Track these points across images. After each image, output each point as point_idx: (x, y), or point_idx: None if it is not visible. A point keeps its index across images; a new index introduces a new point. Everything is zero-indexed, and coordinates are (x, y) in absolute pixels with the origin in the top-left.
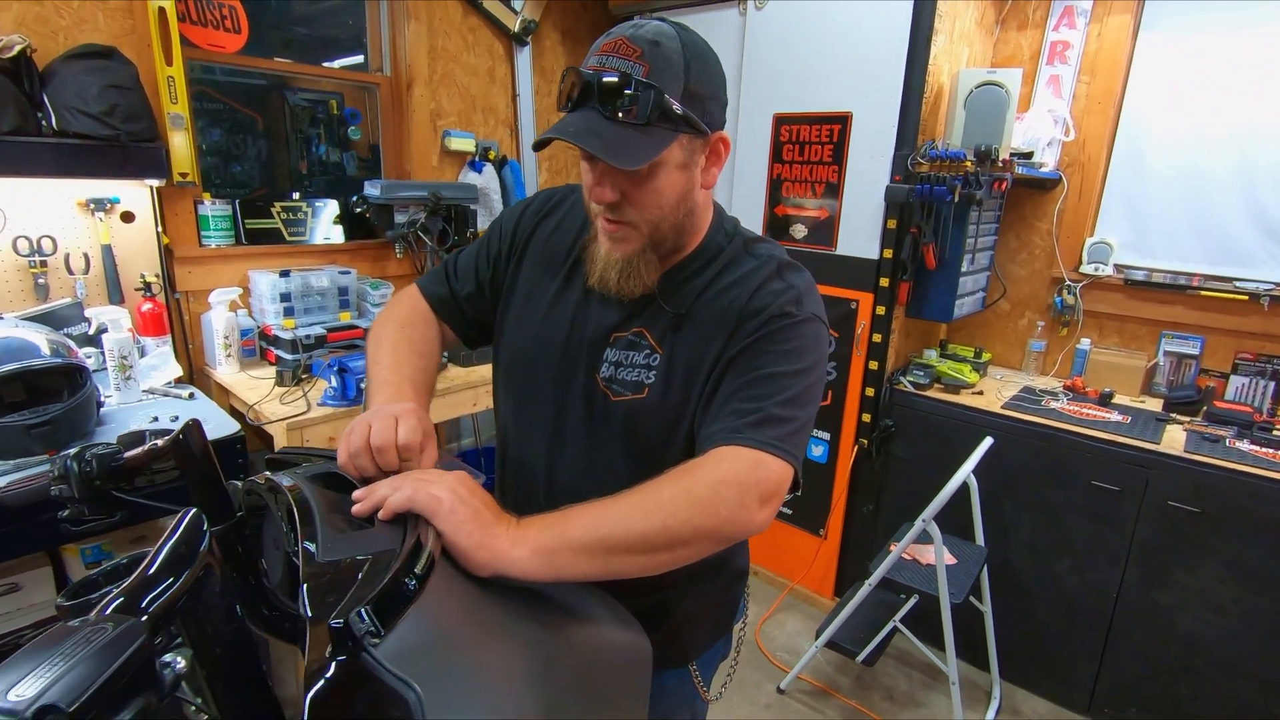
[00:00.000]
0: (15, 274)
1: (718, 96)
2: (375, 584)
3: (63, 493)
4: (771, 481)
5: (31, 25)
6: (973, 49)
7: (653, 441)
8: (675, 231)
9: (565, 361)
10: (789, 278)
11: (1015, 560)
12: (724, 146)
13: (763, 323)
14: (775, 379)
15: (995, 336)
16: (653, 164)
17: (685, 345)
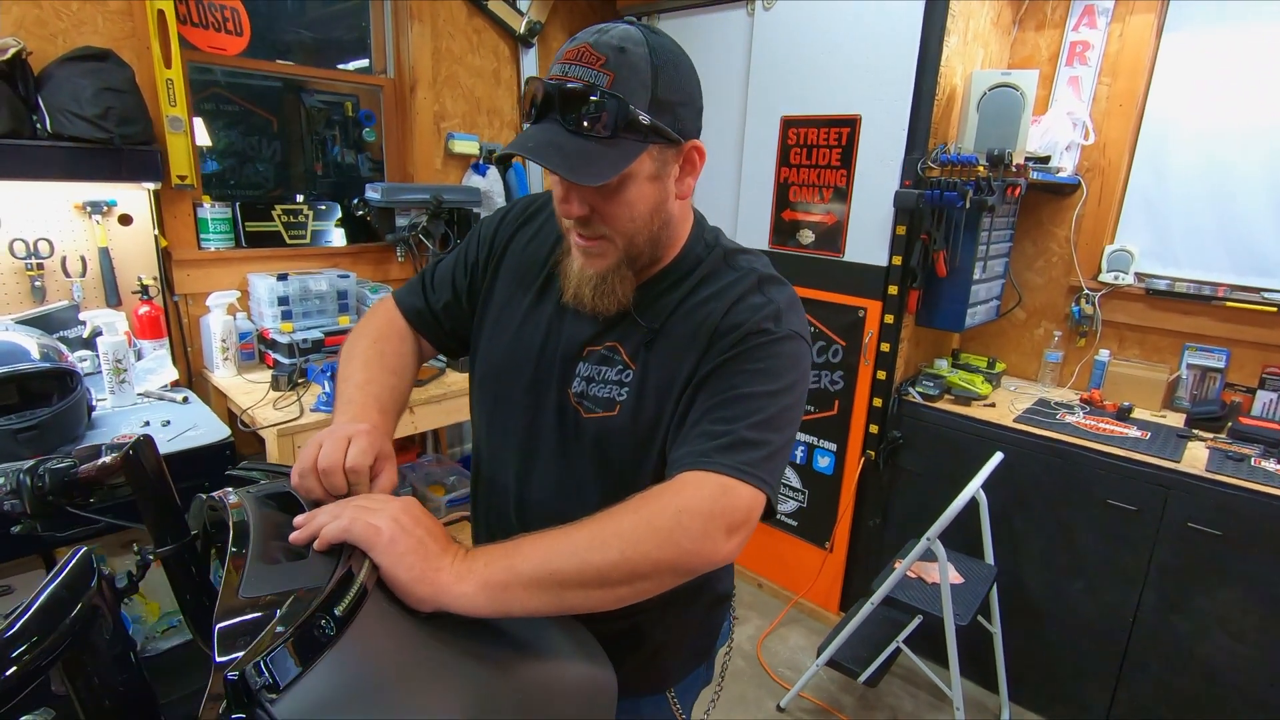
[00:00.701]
0: (12, 277)
1: (690, 103)
2: (287, 628)
3: (14, 507)
4: (740, 510)
5: (31, 28)
6: (988, 50)
7: (624, 461)
8: (651, 244)
9: (538, 376)
10: (769, 292)
11: (1026, 580)
12: (698, 155)
13: (738, 340)
14: (749, 400)
15: (1010, 346)
16: (622, 176)
17: (658, 362)
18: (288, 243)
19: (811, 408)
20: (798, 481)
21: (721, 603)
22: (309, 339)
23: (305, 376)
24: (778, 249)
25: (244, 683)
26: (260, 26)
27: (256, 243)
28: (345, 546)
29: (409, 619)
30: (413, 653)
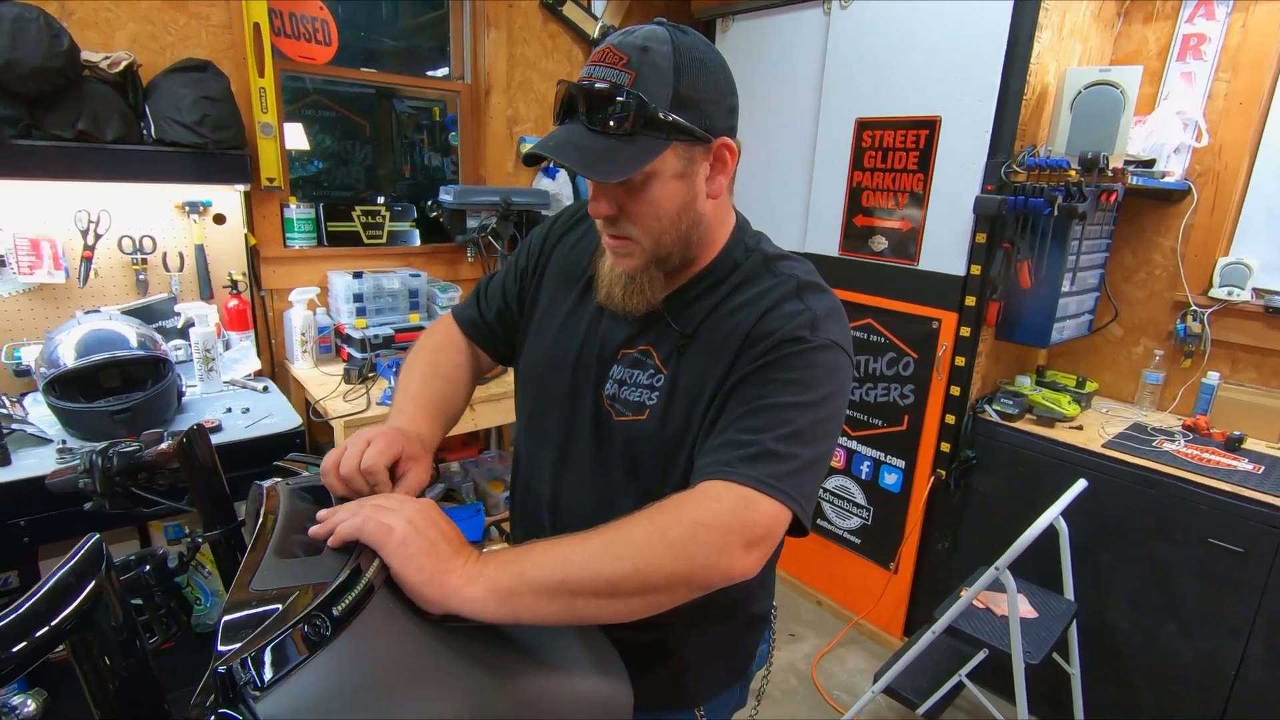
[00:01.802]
0: (119, 270)
1: (719, 101)
2: (282, 625)
3: (87, 485)
4: (760, 525)
5: (144, 42)
6: (1087, 45)
7: (652, 467)
8: (681, 245)
9: (575, 378)
10: (807, 299)
11: (1111, 619)
12: (730, 153)
13: (770, 347)
14: (779, 410)
15: (1103, 364)
16: (646, 175)
17: (690, 368)
18: (365, 242)
19: (879, 422)
20: (862, 497)
21: (757, 624)
22: (380, 335)
23: (374, 371)
24: (848, 255)
25: (231, 678)
26: (348, 37)
27: (337, 242)
28: (358, 545)
29: (415, 622)
30: (410, 657)
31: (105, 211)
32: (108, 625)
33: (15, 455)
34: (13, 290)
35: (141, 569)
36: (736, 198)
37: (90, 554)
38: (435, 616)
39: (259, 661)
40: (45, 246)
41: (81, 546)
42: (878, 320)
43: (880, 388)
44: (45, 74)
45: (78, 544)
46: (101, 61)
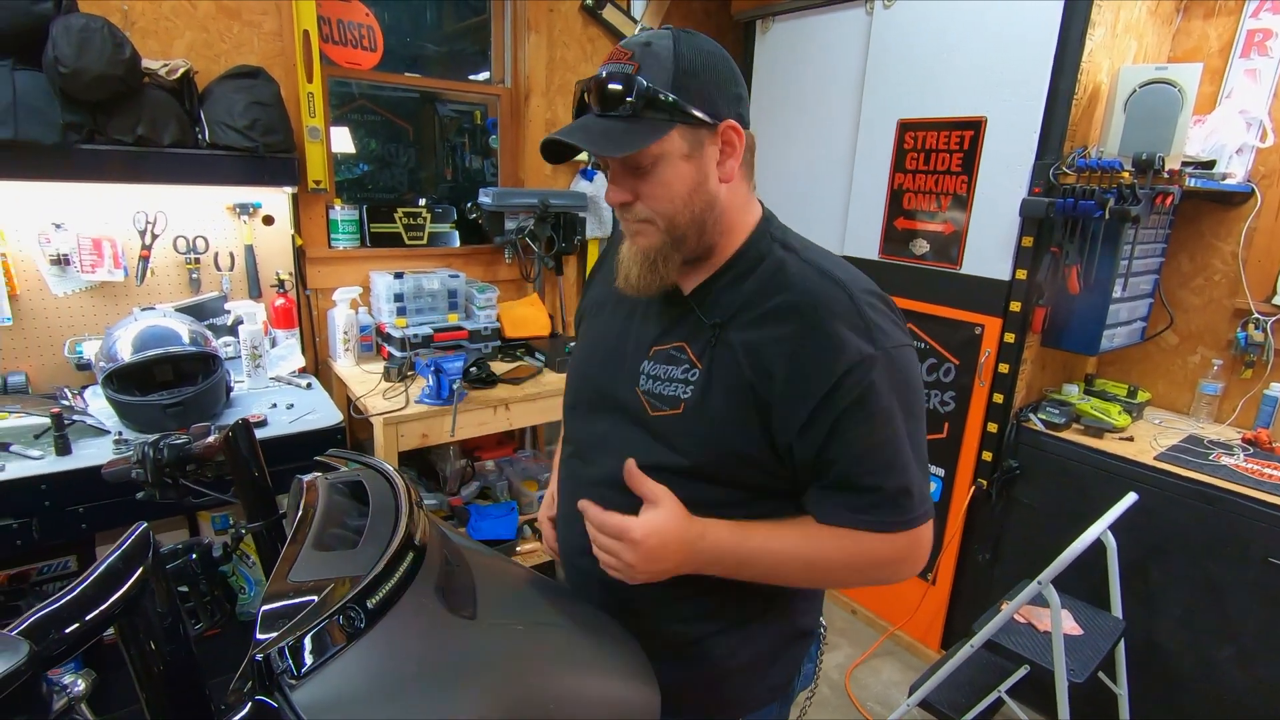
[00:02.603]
0: (174, 269)
1: (721, 87)
2: (318, 616)
3: (139, 476)
4: (925, 548)
5: (200, 50)
6: (1142, 43)
7: (693, 457)
8: (696, 227)
9: (611, 375)
10: (859, 305)
11: (1162, 640)
12: (737, 135)
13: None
14: (886, 447)
15: (1156, 374)
16: (655, 158)
17: (723, 362)
18: (407, 243)
19: None
20: None
21: (801, 638)
22: (419, 334)
23: (413, 369)
24: (888, 259)
25: (268, 665)
26: (392, 42)
27: (379, 243)
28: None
29: (447, 618)
30: (441, 653)
31: (162, 213)
32: (153, 611)
33: (75, 445)
34: (76, 288)
35: (188, 557)
36: (774, 198)
37: (138, 542)
38: (466, 614)
39: (296, 651)
40: (106, 246)
41: (130, 535)
42: (918, 325)
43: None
44: (108, 81)
45: (126, 532)
46: (160, 69)
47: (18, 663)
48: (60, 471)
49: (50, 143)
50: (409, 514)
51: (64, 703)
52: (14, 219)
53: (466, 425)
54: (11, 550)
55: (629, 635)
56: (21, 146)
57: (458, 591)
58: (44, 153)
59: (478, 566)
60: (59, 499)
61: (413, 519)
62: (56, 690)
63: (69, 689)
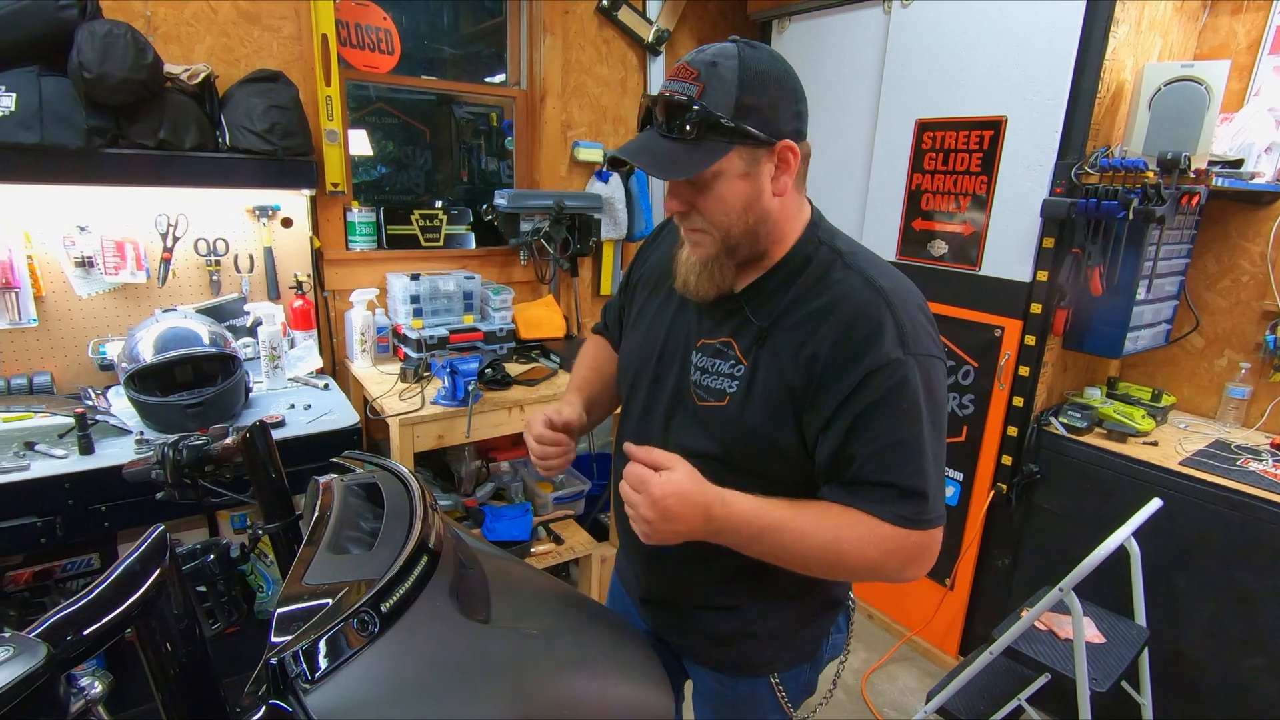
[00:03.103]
0: (195, 271)
1: (782, 107)
2: (332, 620)
3: (159, 476)
4: (934, 549)
5: (220, 55)
6: (1168, 39)
7: (729, 447)
8: (749, 238)
9: (660, 366)
10: (893, 307)
11: (1188, 649)
12: (792, 155)
13: (872, 371)
14: (907, 446)
15: (1181, 377)
16: (714, 174)
17: (768, 361)
18: (423, 245)
19: None
20: None
21: (832, 606)
22: (435, 335)
23: (429, 370)
24: (906, 260)
25: (282, 669)
26: (410, 46)
27: (396, 244)
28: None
29: (460, 621)
30: (455, 658)
31: (183, 215)
32: (170, 612)
33: (98, 445)
34: (100, 289)
35: (205, 558)
36: None
37: (155, 544)
38: (480, 617)
39: (310, 654)
40: (129, 248)
41: (147, 537)
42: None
43: None
44: (131, 86)
45: (144, 534)
46: (182, 73)
47: (35, 665)
48: (84, 471)
49: (75, 147)
50: (424, 517)
51: (81, 705)
52: (40, 222)
53: (481, 426)
54: (36, 547)
55: (643, 640)
56: (47, 151)
57: (472, 595)
58: (69, 157)
59: (492, 570)
60: (82, 498)
61: (427, 522)
62: (74, 693)
63: (86, 691)
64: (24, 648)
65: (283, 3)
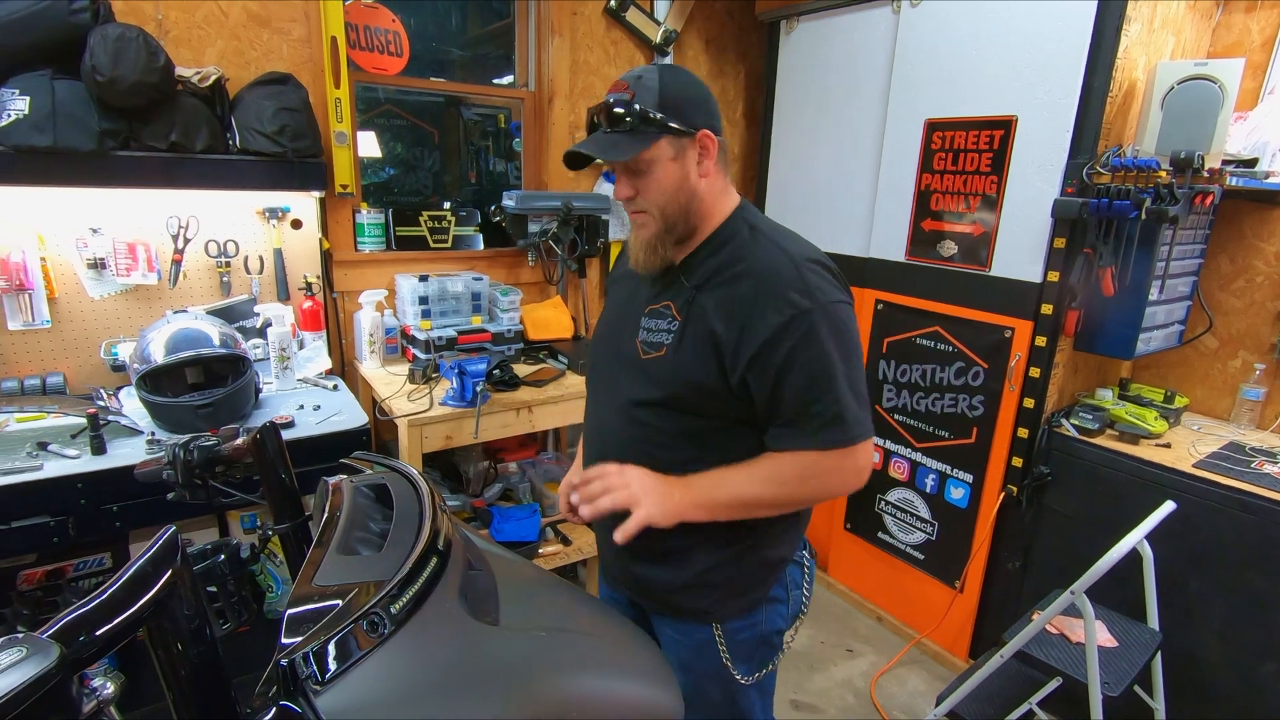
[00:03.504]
0: (205, 272)
1: (697, 106)
2: (342, 621)
3: (170, 477)
4: (861, 461)
5: (231, 58)
6: (1181, 38)
7: (667, 390)
8: (683, 215)
9: (619, 336)
10: (801, 270)
11: (1202, 654)
12: (711, 142)
13: (788, 322)
14: (823, 379)
15: (1194, 378)
16: (650, 160)
17: (697, 316)
18: (431, 246)
19: (946, 433)
20: (926, 511)
21: (774, 567)
22: (443, 337)
23: (437, 371)
24: (916, 260)
25: (292, 671)
26: (418, 48)
27: (404, 246)
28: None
29: (469, 623)
30: (464, 659)
31: (194, 217)
32: (180, 613)
33: (110, 445)
34: (112, 291)
35: (216, 558)
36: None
37: (166, 545)
38: (489, 619)
39: (320, 656)
40: (140, 250)
41: (159, 539)
42: (946, 328)
43: (948, 398)
44: (143, 89)
45: (156, 534)
46: (193, 76)
47: (48, 666)
48: (96, 471)
49: (87, 149)
50: (433, 518)
51: (93, 705)
52: (53, 224)
53: (490, 427)
54: (49, 547)
55: (651, 642)
56: (60, 153)
57: (481, 597)
58: (81, 159)
59: (500, 571)
60: (95, 498)
61: (436, 524)
62: (87, 693)
63: (98, 692)
64: (37, 648)
65: (293, 5)
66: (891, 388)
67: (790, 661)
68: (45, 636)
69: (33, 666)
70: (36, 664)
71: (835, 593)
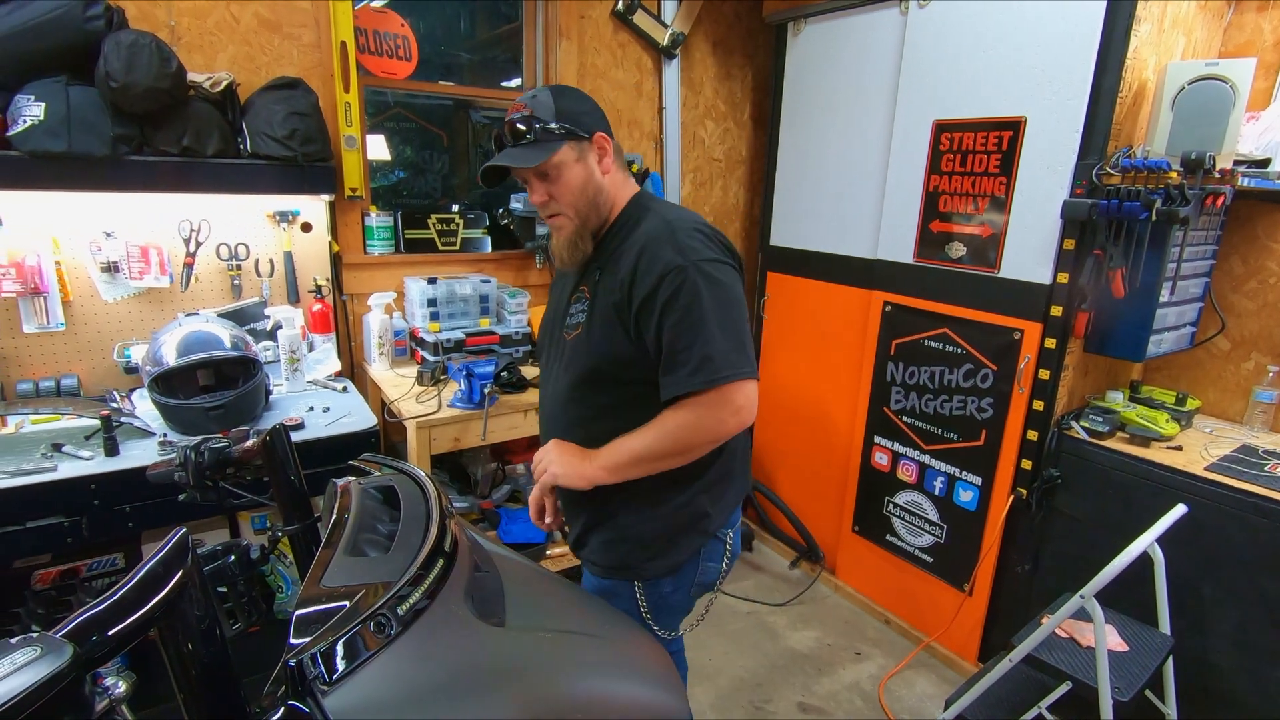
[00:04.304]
0: (217, 276)
1: (589, 114)
2: (350, 622)
3: (181, 479)
4: (735, 400)
5: (242, 63)
6: (1191, 38)
7: (587, 365)
8: (593, 209)
9: (555, 326)
10: (676, 234)
11: (1214, 659)
12: (605, 142)
13: (661, 279)
14: (696, 326)
15: (1207, 381)
16: (558, 166)
17: (602, 292)
18: (440, 249)
19: (954, 436)
20: (935, 514)
21: (694, 528)
22: (452, 339)
23: (446, 373)
24: (923, 262)
25: (300, 671)
26: (427, 51)
27: (413, 248)
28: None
29: (476, 624)
30: (471, 660)
31: (205, 221)
32: (191, 613)
33: (123, 446)
34: (125, 294)
35: (226, 559)
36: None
37: (177, 546)
38: (495, 620)
39: (328, 656)
40: (153, 254)
41: (169, 540)
42: (954, 330)
43: (956, 400)
44: (156, 94)
45: (167, 535)
46: (205, 81)
47: (61, 665)
48: (109, 472)
49: (101, 154)
50: (440, 521)
51: (105, 704)
52: (67, 228)
53: (497, 429)
54: (63, 547)
55: (656, 643)
56: (75, 158)
57: (487, 598)
58: (95, 164)
59: (507, 572)
60: (107, 498)
61: (443, 526)
62: (99, 692)
63: (110, 690)
64: (50, 647)
65: (303, 11)
66: (899, 389)
67: (798, 664)
68: (59, 636)
69: (46, 665)
70: (50, 663)
71: (843, 595)
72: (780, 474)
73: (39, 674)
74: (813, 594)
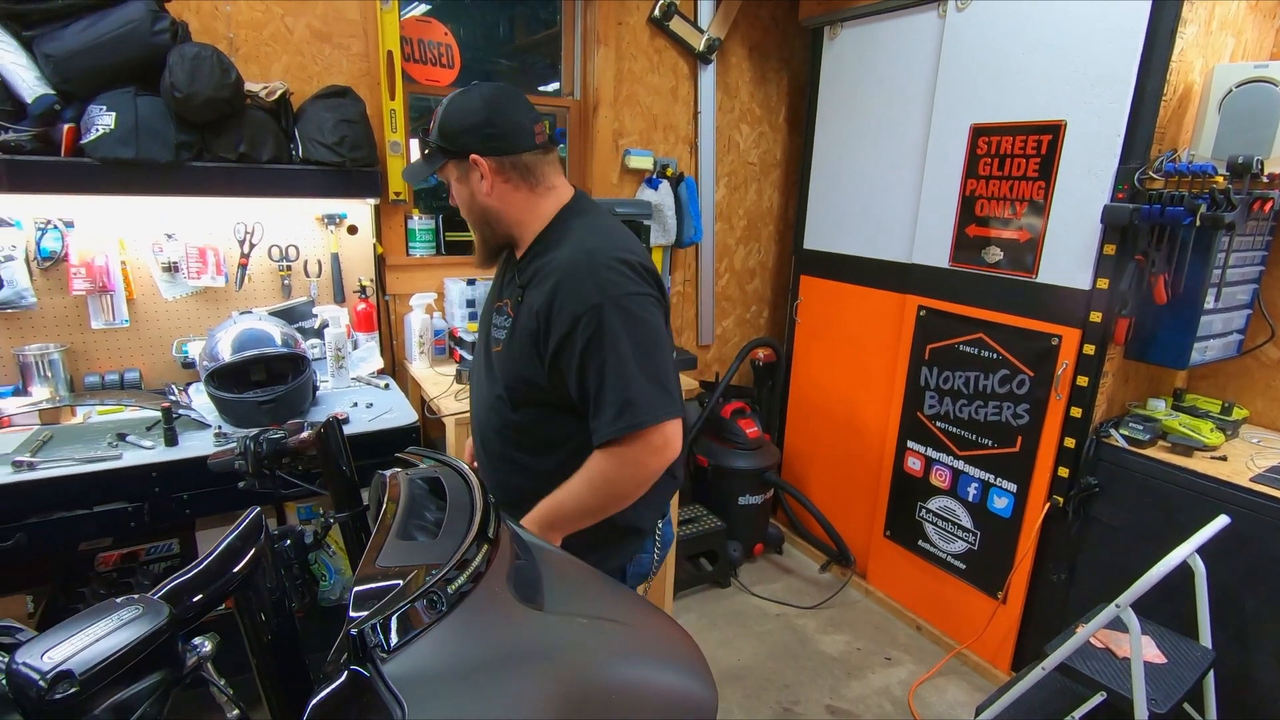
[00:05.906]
0: (268, 276)
1: (470, 132)
2: (405, 597)
3: (240, 467)
4: (654, 444)
5: (295, 72)
6: (1241, 39)
7: (507, 383)
8: (484, 225)
9: (485, 328)
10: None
11: (1258, 674)
12: (478, 165)
13: (578, 317)
14: (616, 367)
15: (1255, 390)
16: (446, 181)
17: (524, 313)
18: None
19: (989, 442)
20: (969, 521)
21: (634, 534)
22: None
23: None
24: (959, 267)
25: (362, 639)
26: (468, 58)
27: (454, 250)
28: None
29: (517, 606)
30: (513, 639)
31: (259, 223)
32: (264, 585)
33: (181, 437)
34: (183, 293)
35: (283, 543)
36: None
37: (252, 525)
38: (535, 604)
39: (386, 628)
40: (210, 255)
41: (245, 518)
42: (990, 335)
43: (991, 406)
44: (216, 104)
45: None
46: (260, 90)
47: (160, 622)
48: (169, 461)
49: (165, 160)
50: (483, 509)
51: (195, 660)
52: (132, 230)
53: None
54: (126, 530)
55: (686, 633)
56: (141, 165)
57: (527, 583)
58: (159, 170)
59: (544, 561)
60: (167, 486)
61: (486, 514)
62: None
63: (199, 649)
64: (150, 608)
65: (352, 22)
66: (933, 394)
67: (826, 667)
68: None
69: (148, 622)
70: (150, 620)
71: (874, 600)
72: (811, 477)
73: (141, 630)
74: (843, 598)
